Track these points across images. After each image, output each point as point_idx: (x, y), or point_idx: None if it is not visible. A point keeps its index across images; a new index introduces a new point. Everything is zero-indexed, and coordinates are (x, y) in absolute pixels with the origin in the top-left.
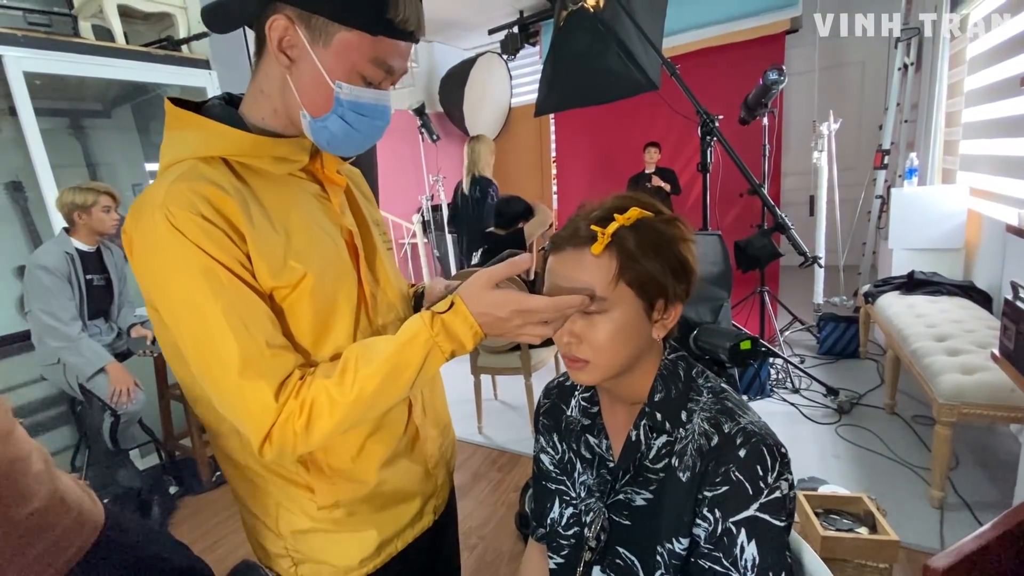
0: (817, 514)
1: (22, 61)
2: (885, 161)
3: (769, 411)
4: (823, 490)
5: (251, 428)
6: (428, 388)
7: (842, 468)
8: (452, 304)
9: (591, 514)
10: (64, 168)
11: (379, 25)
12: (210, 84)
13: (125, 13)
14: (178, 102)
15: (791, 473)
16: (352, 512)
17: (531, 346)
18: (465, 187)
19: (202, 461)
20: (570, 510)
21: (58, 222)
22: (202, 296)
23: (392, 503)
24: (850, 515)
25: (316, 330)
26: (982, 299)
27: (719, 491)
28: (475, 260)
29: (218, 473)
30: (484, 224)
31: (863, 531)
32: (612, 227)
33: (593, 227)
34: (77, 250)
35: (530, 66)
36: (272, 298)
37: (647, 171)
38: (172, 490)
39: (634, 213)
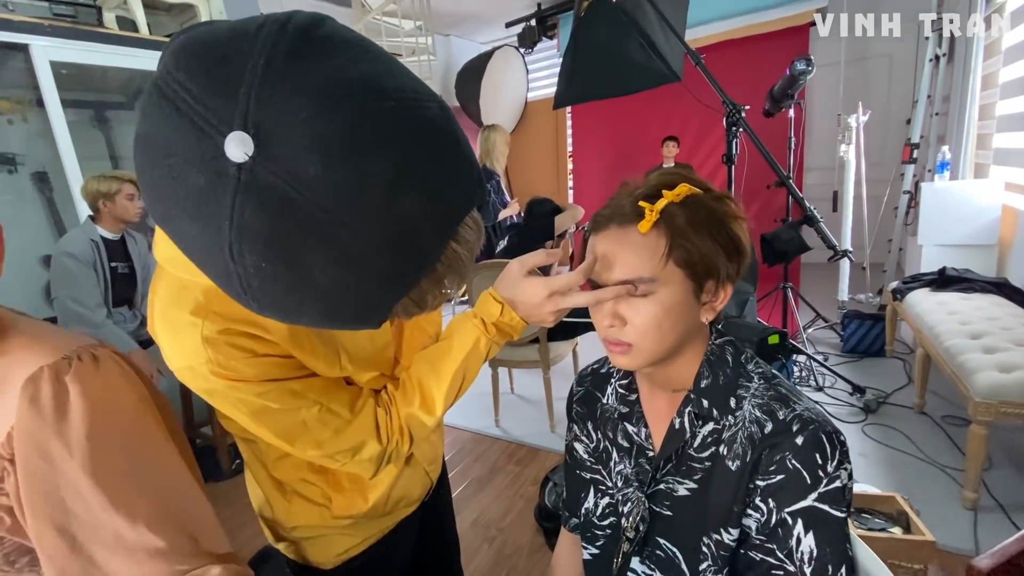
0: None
1: (48, 50)
2: (914, 155)
3: None
4: (853, 489)
5: (368, 472)
6: None
7: (870, 468)
8: (502, 308)
9: (629, 504)
10: (88, 160)
11: None
12: None
13: (148, 4)
14: None
15: (850, 462)
16: (358, 521)
17: (550, 339)
18: None
19: (222, 449)
20: (605, 500)
21: (83, 213)
22: (286, 415)
23: (394, 509)
24: (882, 515)
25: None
26: (1018, 296)
27: (773, 480)
28: (501, 246)
29: (238, 461)
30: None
31: (896, 531)
32: (661, 203)
33: (641, 203)
34: (102, 238)
35: (547, 60)
36: None
37: (665, 165)
38: None
39: (683, 189)
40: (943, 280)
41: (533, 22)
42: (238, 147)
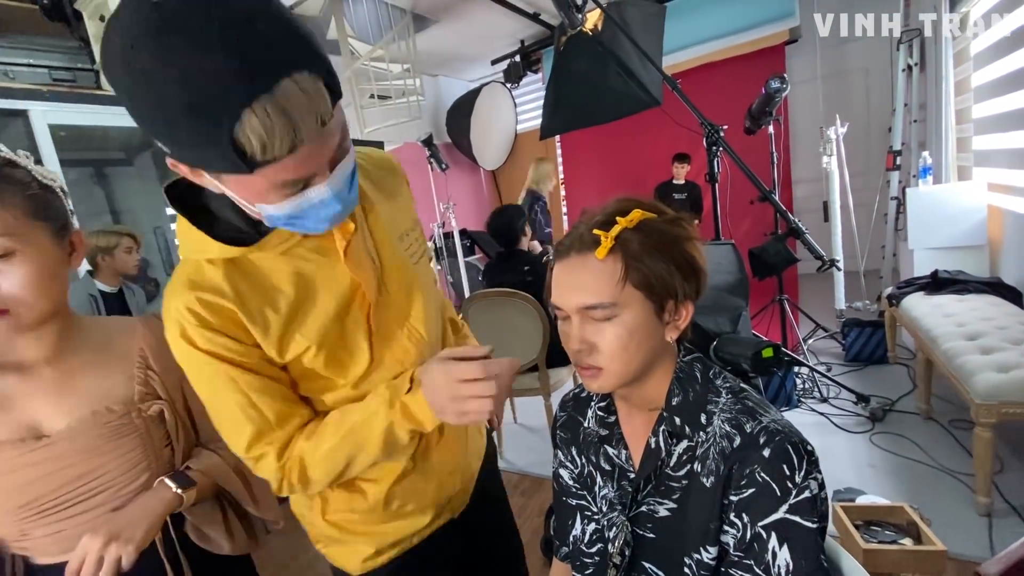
0: (856, 527)
1: (47, 115)
2: (897, 162)
3: (798, 422)
4: (861, 501)
5: (273, 486)
6: None
7: (879, 478)
8: (411, 385)
9: (614, 529)
10: (91, 216)
11: (247, 165)
12: None
13: None
14: (178, 193)
15: (819, 471)
16: (368, 525)
17: (549, 365)
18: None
19: None
20: (592, 526)
21: (83, 268)
22: (217, 394)
23: (400, 516)
24: (892, 526)
25: (339, 376)
26: (1011, 295)
27: (745, 494)
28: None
29: None
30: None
31: (907, 542)
32: (615, 230)
33: (596, 231)
34: (100, 292)
35: (533, 92)
36: (289, 367)
37: (675, 182)
38: None
39: (636, 215)
40: (937, 283)
41: (517, 58)
42: None
